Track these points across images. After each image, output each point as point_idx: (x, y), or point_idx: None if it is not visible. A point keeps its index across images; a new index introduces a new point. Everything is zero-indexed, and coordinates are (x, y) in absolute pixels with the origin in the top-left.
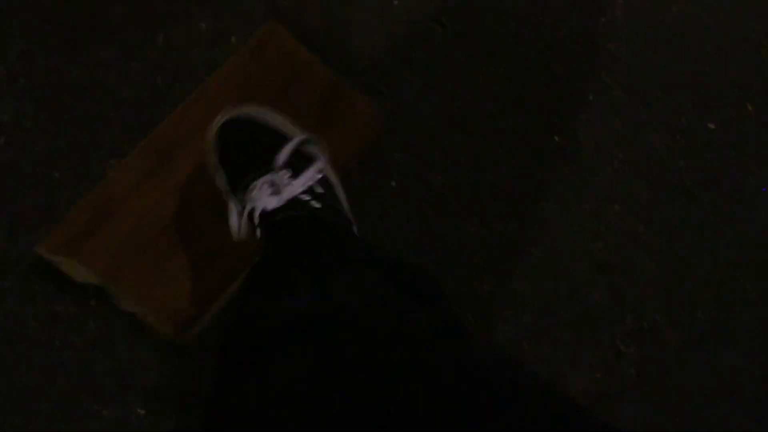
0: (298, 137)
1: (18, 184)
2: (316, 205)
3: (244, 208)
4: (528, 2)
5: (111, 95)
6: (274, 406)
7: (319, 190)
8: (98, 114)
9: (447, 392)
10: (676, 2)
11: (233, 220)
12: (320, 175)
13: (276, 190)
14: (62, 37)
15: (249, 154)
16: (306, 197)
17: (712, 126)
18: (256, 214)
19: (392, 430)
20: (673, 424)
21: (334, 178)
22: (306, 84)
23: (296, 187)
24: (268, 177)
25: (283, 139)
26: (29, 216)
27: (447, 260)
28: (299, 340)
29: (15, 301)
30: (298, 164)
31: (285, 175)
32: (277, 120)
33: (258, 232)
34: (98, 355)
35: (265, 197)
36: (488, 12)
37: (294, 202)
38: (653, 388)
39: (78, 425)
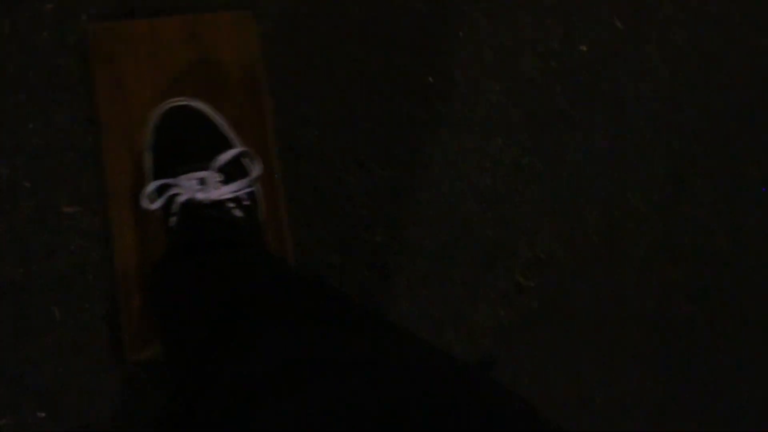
0: (241, 147)
1: None
2: (239, 213)
3: (167, 190)
4: None
5: None
6: None
7: (246, 202)
8: None
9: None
10: None
11: (149, 192)
12: (250, 189)
13: (204, 188)
14: None
15: (185, 144)
16: (231, 204)
17: (583, 48)
18: (180, 200)
19: None
20: (577, 350)
21: (260, 195)
22: (168, 41)
23: (225, 191)
24: (201, 173)
25: (221, 140)
26: None
27: (334, 214)
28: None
29: None
30: (229, 171)
31: (217, 177)
32: (220, 121)
33: (172, 220)
34: None
35: (193, 189)
36: None
37: (218, 205)
38: (556, 318)
39: None
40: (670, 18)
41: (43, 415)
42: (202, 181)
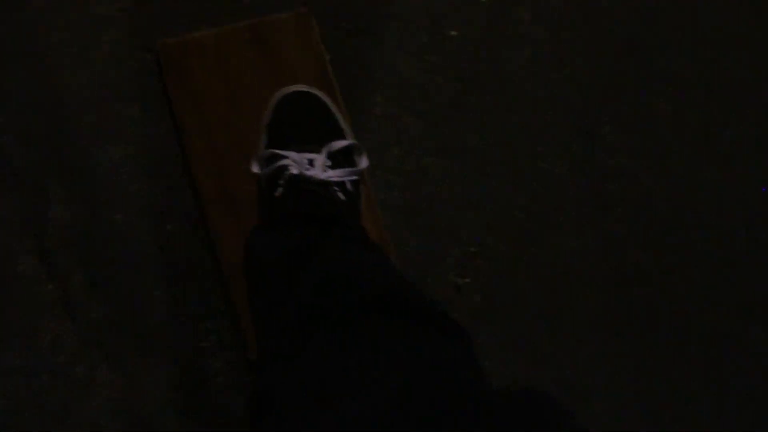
0: (354, 140)
1: None
2: (342, 197)
3: (277, 161)
4: None
5: None
6: None
7: (349, 188)
8: None
9: None
10: None
11: (260, 159)
12: (355, 178)
13: (313, 169)
14: None
15: (300, 127)
16: (336, 188)
17: (453, 33)
18: (289, 172)
19: None
20: (537, 330)
21: (362, 189)
22: (235, 47)
23: (333, 174)
24: (312, 155)
25: (334, 130)
26: None
27: None
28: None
29: None
30: (337, 160)
31: (326, 161)
32: (337, 112)
33: (279, 191)
34: None
35: (303, 166)
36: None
37: (324, 184)
38: (505, 305)
39: None
40: None
41: None
42: (311, 162)
